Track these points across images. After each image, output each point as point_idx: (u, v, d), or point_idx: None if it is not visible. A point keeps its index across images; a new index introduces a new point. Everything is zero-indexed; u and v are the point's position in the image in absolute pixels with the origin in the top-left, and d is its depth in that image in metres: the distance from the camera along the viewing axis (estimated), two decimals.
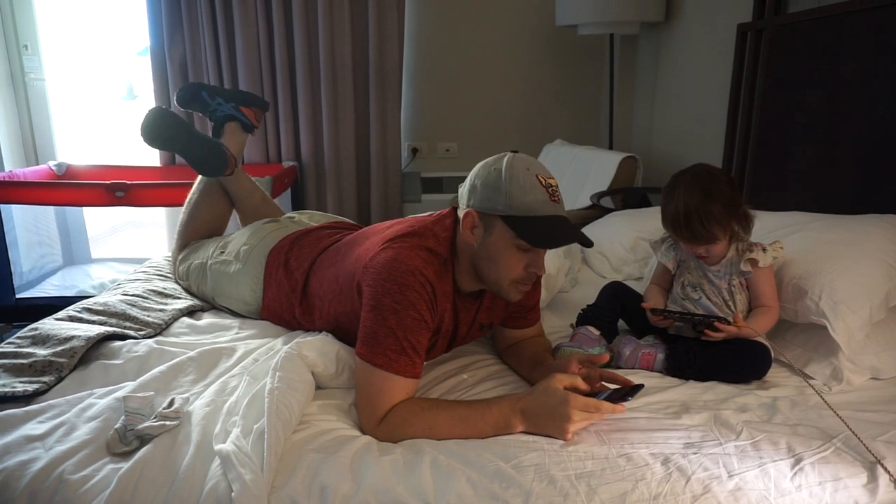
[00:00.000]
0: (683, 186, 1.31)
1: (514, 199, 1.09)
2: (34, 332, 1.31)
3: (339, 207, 3.02)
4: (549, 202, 1.10)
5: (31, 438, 0.99)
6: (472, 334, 1.32)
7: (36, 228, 2.79)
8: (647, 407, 1.15)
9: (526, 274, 1.14)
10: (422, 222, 1.22)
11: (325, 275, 1.34)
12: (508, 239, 1.11)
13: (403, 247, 1.14)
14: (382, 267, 1.12)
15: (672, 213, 1.32)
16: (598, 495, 0.91)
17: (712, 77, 2.47)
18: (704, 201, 1.28)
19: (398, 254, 1.13)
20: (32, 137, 3.05)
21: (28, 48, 2.95)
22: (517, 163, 1.12)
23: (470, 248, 1.16)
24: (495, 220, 1.11)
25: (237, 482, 0.88)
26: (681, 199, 1.30)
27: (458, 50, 3.11)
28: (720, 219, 1.28)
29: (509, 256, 1.12)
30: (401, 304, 1.09)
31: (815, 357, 1.32)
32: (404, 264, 1.11)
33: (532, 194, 1.09)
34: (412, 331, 1.10)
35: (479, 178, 1.14)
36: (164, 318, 1.47)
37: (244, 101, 1.85)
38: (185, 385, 1.18)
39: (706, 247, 1.33)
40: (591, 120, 3.26)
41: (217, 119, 1.83)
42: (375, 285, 1.11)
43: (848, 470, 0.98)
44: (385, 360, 1.08)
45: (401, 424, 1.07)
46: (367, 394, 1.10)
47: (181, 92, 1.81)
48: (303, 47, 2.84)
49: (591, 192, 2.48)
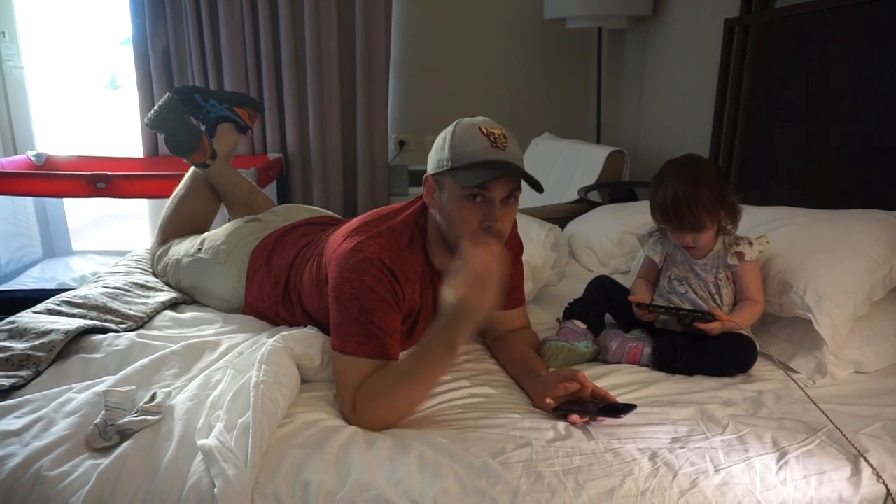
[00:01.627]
0: (672, 174, 1.32)
1: (455, 151, 1.10)
2: (11, 325, 1.28)
3: (325, 200, 2.99)
4: (490, 148, 1.09)
5: (8, 434, 0.97)
6: None
7: (14, 219, 2.74)
8: (634, 401, 1.15)
9: (482, 229, 1.12)
10: (386, 209, 1.25)
11: (304, 272, 1.34)
12: (457, 192, 1.11)
13: (360, 236, 1.17)
14: (341, 257, 1.15)
15: (661, 200, 1.32)
16: (585, 491, 0.91)
17: (699, 71, 2.48)
18: (693, 188, 1.28)
19: (355, 244, 1.15)
20: (10, 127, 2.98)
21: (6, 35, 2.88)
22: (463, 122, 1.14)
23: (435, 218, 1.18)
24: (445, 178, 1.12)
25: (220, 478, 0.87)
26: (669, 186, 1.30)
27: (445, 42, 3.09)
28: (708, 206, 1.29)
29: (462, 210, 1.11)
30: (359, 290, 1.11)
31: (799, 351, 1.33)
32: (360, 252, 1.13)
33: (472, 144, 1.09)
34: (376, 313, 1.11)
35: (435, 145, 1.16)
36: (146, 311, 1.44)
37: (238, 102, 1.83)
38: (167, 379, 1.16)
39: (693, 236, 1.33)
40: (579, 114, 3.26)
41: (210, 121, 1.81)
42: (335, 276, 1.15)
43: (832, 463, 0.98)
44: (355, 346, 1.10)
45: (371, 406, 1.07)
46: (342, 383, 1.11)
47: (174, 93, 1.78)
48: (288, 38, 2.80)
49: (579, 187, 2.48)
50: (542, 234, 1.87)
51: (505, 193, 1.10)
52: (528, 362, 1.27)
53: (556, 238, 1.90)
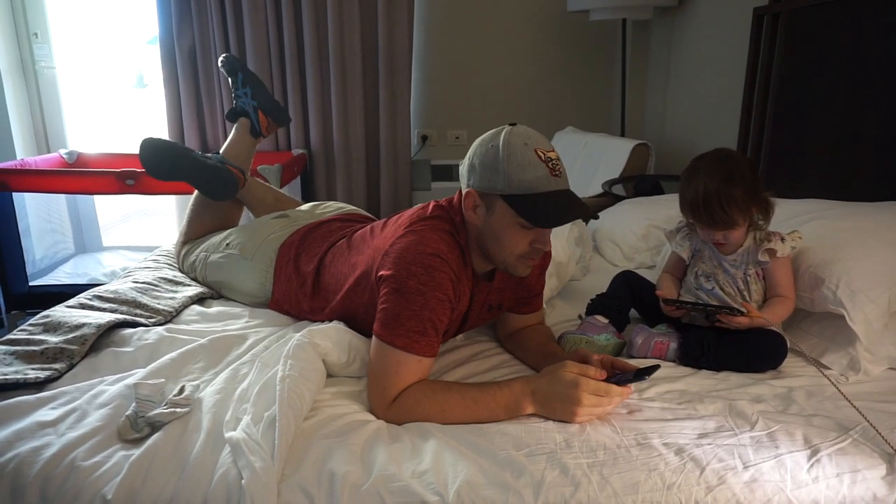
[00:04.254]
0: (704, 169, 1.28)
1: (512, 178, 1.06)
2: (46, 319, 1.32)
3: (348, 195, 3.01)
4: (549, 177, 1.07)
5: (44, 425, 1.00)
6: (482, 316, 1.31)
7: (48, 217, 2.81)
8: (660, 396, 1.14)
9: (532, 249, 1.12)
10: (439, 206, 1.21)
11: (339, 269, 1.33)
12: (510, 218, 1.09)
13: (426, 229, 1.14)
14: (406, 251, 1.10)
15: (691, 197, 1.29)
16: (610, 484, 0.90)
17: (727, 62, 2.43)
18: (725, 185, 1.25)
19: (421, 237, 1.12)
20: (43, 126, 3.06)
21: (38, 36, 2.95)
22: (514, 138, 1.08)
23: (475, 228, 1.16)
24: (496, 200, 1.09)
25: (247, 469, 0.88)
26: (701, 182, 1.27)
27: (467, 36, 3.08)
28: (741, 203, 1.25)
29: (513, 234, 1.10)
30: (427, 286, 1.07)
31: (831, 347, 1.30)
32: (429, 247, 1.10)
33: (532, 171, 1.06)
34: (436, 311, 1.08)
35: (478, 157, 1.11)
36: (174, 305, 1.47)
37: (266, 108, 1.82)
38: (195, 372, 1.18)
39: (724, 233, 1.30)
40: (603, 107, 3.23)
41: (237, 107, 1.82)
42: (399, 269, 1.09)
43: (866, 462, 0.96)
44: (406, 341, 1.07)
45: (413, 406, 1.06)
46: (381, 375, 1.08)
47: (225, 59, 1.82)
48: (312, 34, 2.82)
49: (603, 180, 2.45)
50: (567, 228, 1.85)
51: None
52: (548, 348, 1.27)
53: (580, 232, 1.88)
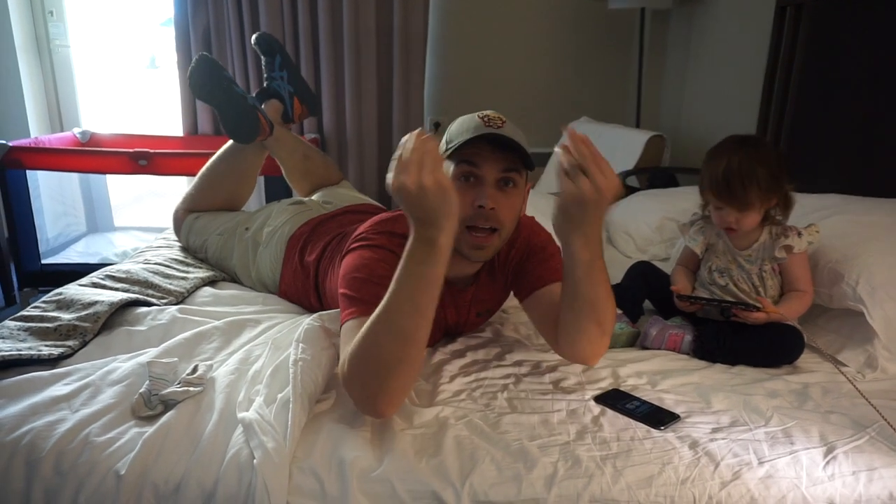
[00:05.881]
0: (731, 145, 1.28)
1: (450, 136, 1.08)
2: (59, 296, 1.32)
3: (360, 181, 3.00)
4: (482, 126, 1.05)
5: (58, 400, 1.00)
6: (470, 322, 1.29)
7: (61, 196, 2.82)
8: (674, 389, 1.13)
9: (474, 211, 1.05)
10: (394, 214, 1.18)
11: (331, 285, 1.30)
12: (452, 176, 1.06)
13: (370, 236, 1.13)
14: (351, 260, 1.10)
15: (712, 170, 1.28)
16: (623, 478, 0.90)
17: (747, 54, 2.39)
18: (751, 162, 1.24)
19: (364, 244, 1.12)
20: (58, 105, 3.06)
21: (53, 14, 2.94)
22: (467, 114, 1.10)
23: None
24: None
25: (259, 450, 0.88)
26: (725, 156, 1.26)
27: (483, 23, 3.04)
28: (763, 184, 1.24)
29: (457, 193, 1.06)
30: (371, 260, 1.07)
31: (848, 343, 1.28)
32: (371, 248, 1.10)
33: (465, 124, 1.07)
34: (387, 278, 0.92)
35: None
36: (186, 286, 1.47)
37: (301, 95, 1.81)
38: (208, 352, 1.18)
39: (737, 216, 1.28)
40: (618, 97, 3.19)
41: (269, 88, 1.80)
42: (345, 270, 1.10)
43: (883, 460, 0.95)
44: (364, 307, 0.98)
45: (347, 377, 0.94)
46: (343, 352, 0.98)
47: (262, 37, 1.79)
48: (327, 17, 2.79)
49: (617, 171, 2.41)
50: None
51: (497, 173, 1.05)
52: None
53: None
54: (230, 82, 1.65)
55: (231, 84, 1.64)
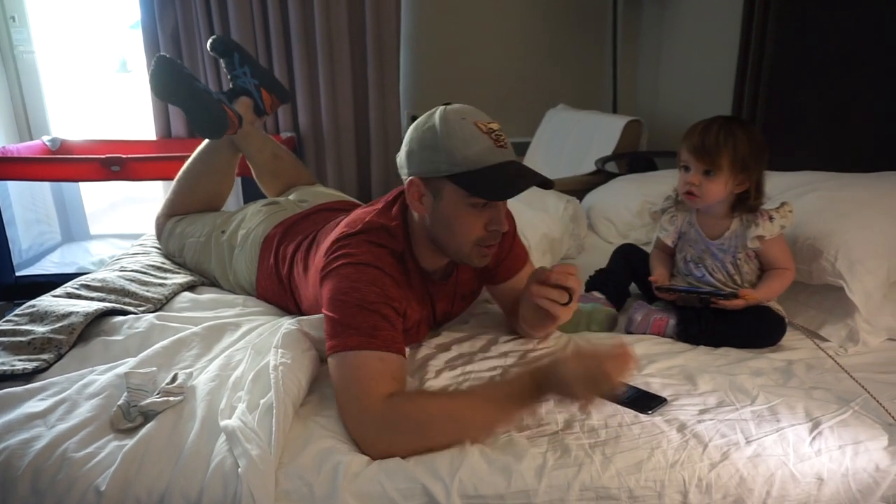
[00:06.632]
0: (722, 118, 1.28)
1: (455, 154, 0.98)
2: (32, 309, 1.29)
3: (339, 178, 2.97)
4: (494, 149, 0.99)
5: (33, 416, 0.97)
6: (457, 307, 1.29)
7: (33, 206, 2.75)
8: (660, 373, 1.13)
9: (487, 233, 1.05)
10: (368, 218, 1.11)
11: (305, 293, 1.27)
12: (461, 199, 1.01)
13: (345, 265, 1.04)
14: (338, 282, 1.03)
15: (695, 125, 1.27)
16: (613, 464, 0.90)
17: (720, 35, 2.40)
18: (733, 127, 1.24)
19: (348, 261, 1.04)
20: (25, 112, 2.99)
21: (16, 20, 2.86)
22: (450, 115, 1.01)
23: (422, 220, 1.07)
24: (443, 184, 1.01)
25: (244, 458, 0.86)
26: (712, 119, 1.27)
27: (456, 15, 3.02)
28: (738, 148, 1.23)
29: (465, 218, 1.03)
30: (361, 282, 1.00)
31: (829, 319, 1.29)
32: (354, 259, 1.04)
33: (475, 144, 0.99)
34: (380, 305, 0.99)
35: (416, 142, 1.03)
36: (164, 293, 1.44)
37: (268, 85, 1.78)
38: (188, 360, 1.15)
39: (700, 177, 1.25)
40: (595, 83, 3.18)
41: (236, 87, 1.77)
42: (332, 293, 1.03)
43: (868, 433, 0.95)
44: (359, 338, 0.96)
45: (408, 407, 0.93)
46: (348, 387, 0.95)
47: (216, 41, 1.76)
48: (297, 15, 2.75)
49: (596, 157, 2.43)
50: (561, 206, 1.83)
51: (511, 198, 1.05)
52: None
53: (574, 210, 1.86)
54: (192, 79, 1.62)
55: (193, 80, 1.61)
